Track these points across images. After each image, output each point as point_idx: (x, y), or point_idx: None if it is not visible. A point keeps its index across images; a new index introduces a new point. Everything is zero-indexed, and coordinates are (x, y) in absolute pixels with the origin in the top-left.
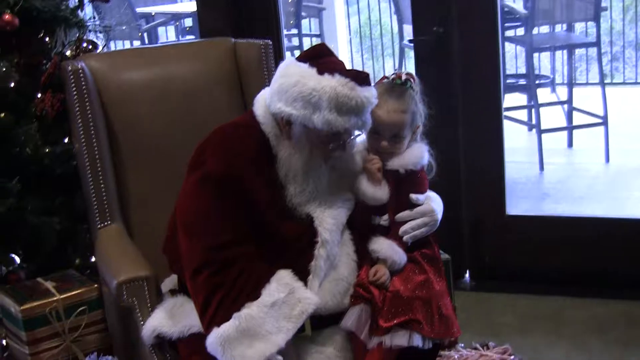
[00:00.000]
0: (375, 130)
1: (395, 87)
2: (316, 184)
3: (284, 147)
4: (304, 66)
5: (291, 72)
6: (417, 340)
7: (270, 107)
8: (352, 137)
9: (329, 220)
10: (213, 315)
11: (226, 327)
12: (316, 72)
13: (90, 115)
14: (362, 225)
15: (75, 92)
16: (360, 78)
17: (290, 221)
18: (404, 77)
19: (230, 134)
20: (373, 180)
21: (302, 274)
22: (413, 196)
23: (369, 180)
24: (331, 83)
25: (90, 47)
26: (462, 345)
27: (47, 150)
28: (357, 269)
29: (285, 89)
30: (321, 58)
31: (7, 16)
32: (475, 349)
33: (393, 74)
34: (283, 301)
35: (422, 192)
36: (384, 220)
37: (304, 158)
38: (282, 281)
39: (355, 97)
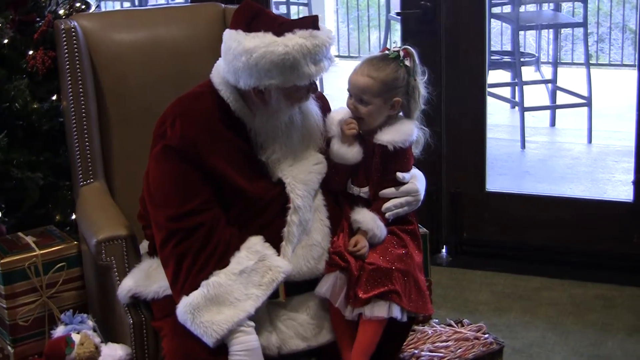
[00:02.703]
0: (348, 91)
1: (381, 56)
2: (290, 132)
3: (259, 112)
4: (260, 35)
5: (252, 46)
6: (397, 312)
7: (240, 84)
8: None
9: (301, 186)
10: (182, 285)
11: (194, 296)
12: (274, 35)
13: (79, 74)
14: (337, 191)
15: (66, 50)
16: (314, 24)
17: (262, 185)
18: (396, 49)
19: (189, 104)
20: (342, 139)
21: (275, 241)
22: (399, 175)
23: (339, 139)
24: (298, 41)
25: (83, 6)
26: (437, 321)
27: (35, 106)
28: (330, 234)
29: (254, 63)
30: (260, 17)
31: None
32: (450, 325)
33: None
34: (252, 269)
35: (408, 169)
36: (364, 192)
37: (284, 117)
38: (253, 249)
39: (323, 43)
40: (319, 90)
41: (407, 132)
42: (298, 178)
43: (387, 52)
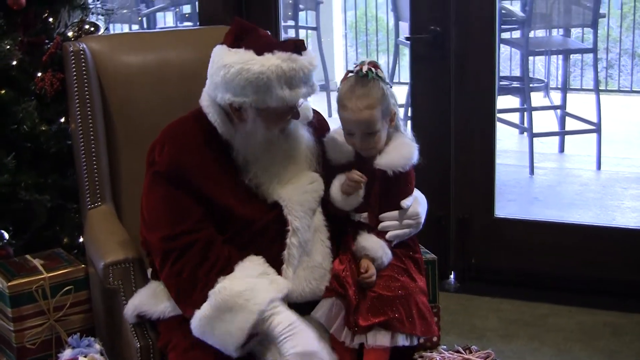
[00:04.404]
0: (349, 131)
1: (358, 81)
2: (273, 156)
3: (239, 131)
4: (241, 51)
5: (230, 61)
6: (401, 340)
7: (217, 99)
8: (301, 103)
9: (297, 208)
10: (188, 300)
11: (204, 308)
12: (254, 53)
13: (87, 96)
14: (336, 215)
15: (74, 73)
16: (298, 47)
17: (256, 208)
18: (365, 68)
19: (177, 129)
20: (344, 189)
21: (275, 264)
22: (403, 203)
23: (341, 188)
24: (275, 62)
25: (92, 29)
26: (445, 347)
27: (43, 128)
28: (331, 255)
29: (230, 79)
30: (248, 35)
31: None
32: (458, 351)
33: (356, 65)
34: (257, 277)
35: (410, 193)
36: (364, 218)
37: (261, 137)
38: (256, 262)
39: (301, 68)
40: (302, 117)
41: (406, 155)
42: (294, 199)
43: (351, 74)
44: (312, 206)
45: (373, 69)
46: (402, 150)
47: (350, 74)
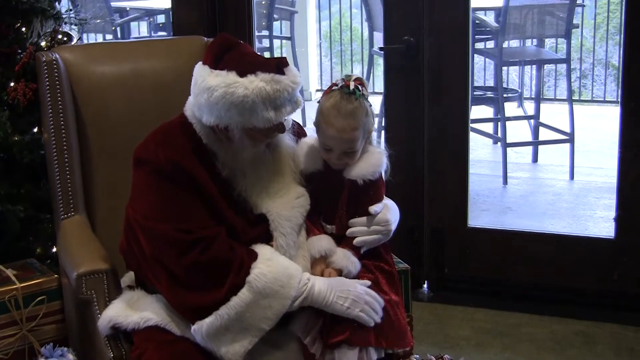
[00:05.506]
0: (327, 147)
1: (343, 98)
2: (261, 170)
3: (225, 148)
4: (223, 74)
5: (213, 84)
6: (372, 354)
7: (203, 120)
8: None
9: (285, 223)
10: (224, 284)
11: (243, 294)
12: (237, 75)
13: (61, 106)
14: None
15: (47, 83)
16: (280, 67)
17: (245, 217)
18: (352, 85)
19: (167, 133)
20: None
21: None
22: (371, 209)
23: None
24: (258, 84)
25: (65, 39)
26: (417, 356)
27: (16, 138)
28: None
29: (215, 102)
30: (229, 52)
31: None
32: None
33: (341, 80)
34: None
35: (380, 200)
36: (332, 228)
37: (248, 154)
38: (270, 248)
39: (285, 88)
40: (287, 129)
41: (375, 163)
42: (282, 214)
43: (335, 88)
44: (299, 222)
45: (360, 87)
46: (370, 159)
47: (335, 88)
